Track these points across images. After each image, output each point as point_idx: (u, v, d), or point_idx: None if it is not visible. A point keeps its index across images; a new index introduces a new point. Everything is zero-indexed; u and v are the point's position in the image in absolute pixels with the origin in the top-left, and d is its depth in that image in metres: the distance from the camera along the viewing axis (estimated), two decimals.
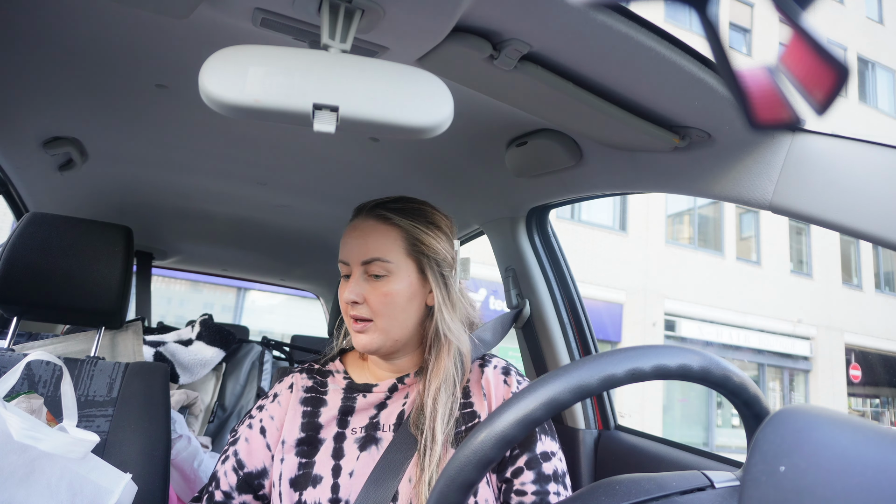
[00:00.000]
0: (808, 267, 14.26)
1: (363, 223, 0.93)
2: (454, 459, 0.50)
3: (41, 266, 1.16)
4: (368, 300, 0.89)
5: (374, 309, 0.89)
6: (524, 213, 1.49)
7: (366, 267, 0.90)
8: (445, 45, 0.73)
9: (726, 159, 0.90)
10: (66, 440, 0.79)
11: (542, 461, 0.87)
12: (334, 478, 0.86)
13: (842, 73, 0.33)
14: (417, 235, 0.92)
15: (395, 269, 0.90)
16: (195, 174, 1.61)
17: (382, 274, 0.90)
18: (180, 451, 1.64)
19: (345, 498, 0.85)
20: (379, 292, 0.89)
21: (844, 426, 0.38)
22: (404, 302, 0.90)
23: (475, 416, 0.91)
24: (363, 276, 0.91)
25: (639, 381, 0.52)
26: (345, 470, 0.87)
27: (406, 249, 0.92)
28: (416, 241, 0.92)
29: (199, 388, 2.10)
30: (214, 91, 0.56)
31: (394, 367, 0.97)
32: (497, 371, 0.96)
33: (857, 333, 14.42)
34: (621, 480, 0.54)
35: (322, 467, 0.88)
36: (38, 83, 1.09)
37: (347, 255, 0.92)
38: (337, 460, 0.88)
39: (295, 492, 0.86)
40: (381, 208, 0.94)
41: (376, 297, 0.89)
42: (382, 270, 0.90)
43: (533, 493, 0.85)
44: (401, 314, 0.90)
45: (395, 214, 0.93)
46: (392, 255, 0.90)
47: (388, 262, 0.90)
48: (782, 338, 13.53)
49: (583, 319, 1.54)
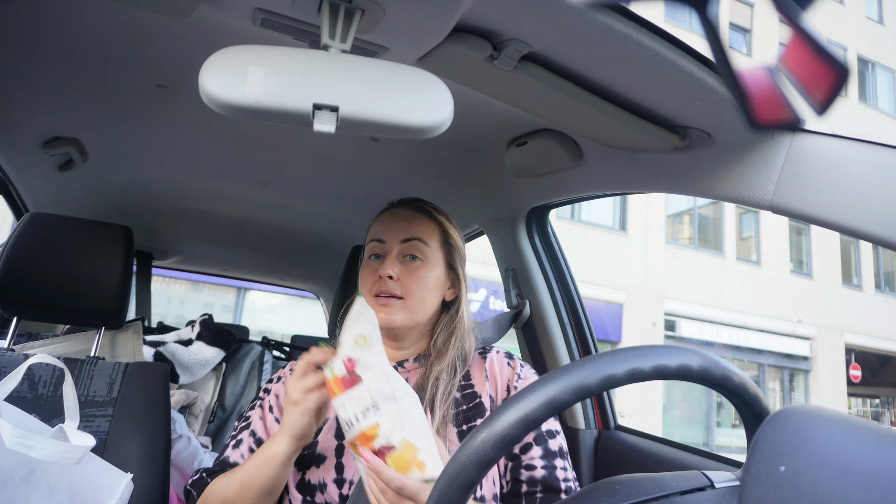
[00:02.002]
0: (808, 267, 14.26)
1: (404, 211, 1.02)
2: (454, 459, 0.50)
3: (41, 266, 1.16)
4: (402, 279, 0.95)
5: (407, 288, 0.95)
6: (524, 213, 1.49)
7: (403, 246, 0.97)
8: (445, 45, 0.73)
9: (726, 159, 0.90)
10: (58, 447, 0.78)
11: (548, 438, 0.92)
12: (337, 457, 0.88)
13: (842, 73, 0.33)
14: (449, 231, 1.03)
15: (430, 254, 0.98)
16: (195, 174, 1.61)
17: (418, 257, 0.97)
18: (180, 451, 1.64)
19: (349, 478, 0.86)
20: (414, 273, 0.96)
21: (844, 426, 0.38)
22: (433, 288, 0.97)
23: (476, 396, 0.95)
24: (399, 257, 0.97)
25: (639, 382, 0.52)
26: (348, 449, 0.89)
27: (440, 240, 1.01)
28: (447, 235, 1.02)
29: (199, 388, 2.10)
30: (214, 91, 0.56)
31: (398, 351, 1.01)
32: (500, 355, 1.03)
33: (857, 333, 14.42)
34: (621, 480, 0.54)
35: (325, 447, 0.90)
36: (38, 83, 1.09)
37: (386, 234, 0.99)
38: (340, 440, 0.91)
39: (299, 472, 0.88)
40: (421, 202, 1.05)
41: (411, 277, 0.96)
42: (419, 253, 0.97)
43: (542, 468, 0.88)
44: (428, 298, 0.97)
45: (434, 210, 1.04)
46: (431, 240, 0.99)
47: (427, 246, 0.98)
48: (782, 338, 13.53)
49: (583, 319, 1.54)
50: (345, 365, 0.76)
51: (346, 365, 0.76)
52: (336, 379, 0.76)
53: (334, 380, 0.76)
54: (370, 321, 0.81)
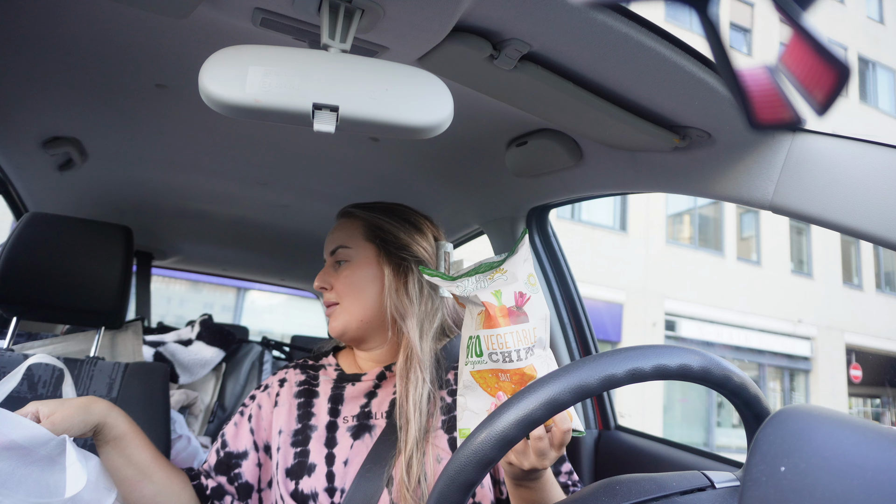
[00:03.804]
0: (809, 267, 14.25)
1: (337, 223, 1.05)
2: (454, 460, 0.50)
3: (41, 266, 1.16)
4: (334, 286, 0.99)
5: (339, 292, 0.98)
6: (524, 213, 1.49)
7: (333, 256, 1.01)
8: (445, 45, 0.73)
9: (726, 159, 0.90)
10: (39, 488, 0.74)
11: None
12: (328, 466, 0.88)
13: (842, 73, 0.33)
14: (377, 223, 1.01)
15: (354, 254, 0.99)
16: (195, 174, 1.61)
17: (345, 260, 0.99)
18: (180, 451, 1.64)
19: (340, 486, 0.86)
20: (341, 276, 0.99)
21: (844, 426, 0.38)
22: (363, 283, 0.97)
23: None
24: (332, 266, 1.01)
25: (639, 382, 0.52)
26: (338, 458, 0.88)
27: (365, 235, 1.00)
28: (374, 227, 1.01)
29: (199, 388, 2.10)
30: (214, 91, 0.56)
31: (375, 356, 1.01)
32: None
33: (858, 333, 14.41)
34: (621, 480, 0.54)
35: (316, 456, 0.89)
36: (38, 83, 1.09)
37: (324, 252, 1.03)
38: (330, 449, 0.90)
39: (291, 481, 0.88)
40: (351, 207, 1.05)
41: (339, 281, 0.98)
42: (345, 256, 0.99)
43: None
44: (360, 294, 0.97)
45: (361, 210, 1.04)
46: (352, 241, 1.00)
47: (349, 248, 0.99)
48: (783, 338, 13.52)
49: (583, 319, 1.54)
50: (515, 297, 0.73)
51: (517, 299, 0.73)
52: (503, 308, 0.72)
53: (500, 308, 0.72)
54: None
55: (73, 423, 0.78)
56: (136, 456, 0.84)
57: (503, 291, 0.73)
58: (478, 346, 0.73)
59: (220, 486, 0.92)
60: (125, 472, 0.83)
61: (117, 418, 0.84)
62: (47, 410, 0.78)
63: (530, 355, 0.70)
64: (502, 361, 0.70)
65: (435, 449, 0.87)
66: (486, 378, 0.72)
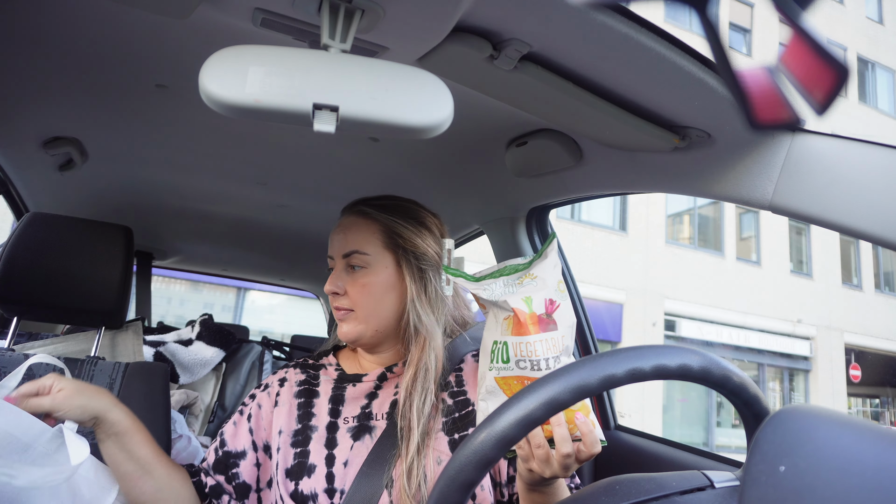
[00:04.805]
0: (808, 267, 14.26)
1: (346, 220, 0.99)
2: (454, 459, 0.50)
3: (41, 266, 1.16)
4: (348, 292, 0.95)
5: (354, 300, 0.94)
6: (524, 213, 1.49)
7: (346, 260, 0.95)
8: (445, 45, 0.73)
9: (726, 159, 0.90)
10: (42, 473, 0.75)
11: None
12: (328, 467, 0.88)
13: (842, 73, 0.33)
14: (395, 229, 0.96)
15: (372, 261, 0.94)
16: (195, 174, 1.61)
17: (361, 266, 0.94)
18: (180, 451, 1.64)
19: (339, 487, 0.86)
20: (357, 284, 0.94)
21: (844, 426, 0.38)
22: (381, 293, 0.94)
23: (469, 404, 0.93)
24: (344, 269, 0.96)
25: (639, 381, 0.52)
26: (338, 459, 0.88)
27: (384, 242, 0.96)
28: (393, 234, 0.96)
29: (199, 388, 2.10)
30: (214, 91, 0.56)
31: (380, 359, 1.00)
32: None
33: (857, 333, 14.42)
34: (621, 480, 0.54)
35: (316, 457, 0.89)
36: (38, 83, 1.09)
37: (332, 250, 0.98)
38: (330, 450, 0.90)
39: (291, 482, 0.88)
40: (363, 205, 1.00)
41: (355, 288, 0.94)
42: (361, 262, 0.94)
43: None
44: (378, 305, 0.94)
45: (376, 210, 0.98)
46: (370, 247, 0.95)
47: (366, 255, 0.94)
48: (782, 338, 13.53)
49: (583, 319, 1.54)
50: (546, 305, 0.71)
51: (548, 306, 0.71)
52: (533, 315, 0.70)
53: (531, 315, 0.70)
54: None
55: (73, 406, 0.80)
56: (138, 451, 0.85)
57: (534, 298, 0.72)
58: (505, 352, 0.71)
59: (219, 485, 0.92)
60: (126, 468, 0.84)
61: (120, 413, 0.85)
62: (58, 385, 0.81)
63: (557, 364, 0.70)
64: (530, 369, 0.69)
65: (435, 451, 0.87)
66: (511, 384, 0.71)
